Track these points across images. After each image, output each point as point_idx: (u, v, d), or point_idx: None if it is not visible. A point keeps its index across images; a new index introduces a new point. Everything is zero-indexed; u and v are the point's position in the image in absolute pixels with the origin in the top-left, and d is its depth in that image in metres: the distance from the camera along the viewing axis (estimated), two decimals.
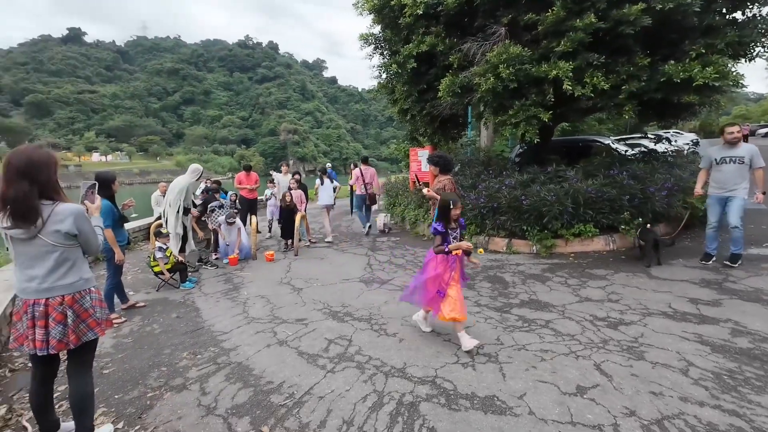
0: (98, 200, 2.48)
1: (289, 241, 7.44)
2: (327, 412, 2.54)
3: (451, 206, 3.18)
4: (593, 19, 5.06)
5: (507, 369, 2.93)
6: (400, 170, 17.43)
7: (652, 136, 9.08)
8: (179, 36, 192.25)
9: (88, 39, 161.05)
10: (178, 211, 5.70)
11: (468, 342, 3.16)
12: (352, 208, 9.59)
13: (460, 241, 3.29)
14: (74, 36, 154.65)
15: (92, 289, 2.23)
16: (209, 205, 6.85)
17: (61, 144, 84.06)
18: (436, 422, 2.38)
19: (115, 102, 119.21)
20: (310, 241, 7.96)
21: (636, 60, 5.32)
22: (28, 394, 2.92)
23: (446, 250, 3.13)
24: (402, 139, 13.17)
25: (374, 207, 8.95)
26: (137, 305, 4.68)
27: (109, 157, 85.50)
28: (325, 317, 4.12)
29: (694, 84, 4.94)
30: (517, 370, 2.91)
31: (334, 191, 8.47)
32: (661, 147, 8.36)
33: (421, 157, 8.94)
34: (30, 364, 3.35)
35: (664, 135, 8.91)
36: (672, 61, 5.21)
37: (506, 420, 2.37)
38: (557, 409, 2.45)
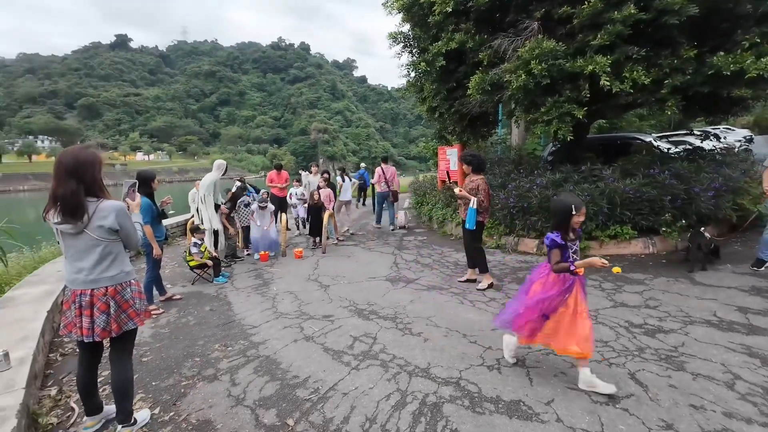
0: (138, 198, 2.63)
1: (317, 239, 7.57)
2: (350, 408, 2.57)
3: (574, 212, 2.53)
4: (633, 11, 4.79)
5: (534, 374, 2.85)
6: (428, 168, 17.32)
7: (699, 133, 8.51)
8: (216, 39, 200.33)
9: (133, 45, 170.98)
10: (215, 207, 6.00)
11: (604, 387, 2.55)
12: (374, 206, 10.10)
13: (575, 254, 2.64)
14: (121, 42, 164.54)
15: (132, 281, 2.37)
16: (238, 201, 7.07)
17: (108, 144, 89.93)
18: (460, 424, 2.35)
19: (158, 104, 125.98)
20: (337, 239, 8.07)
21: (681, 52, 5.00)
22: (75, 378, 3.15)
23: (572, 268, 2.51)
24: (430, 137, 13.06)
25: (397, 204, 9.39)
26: (174, 298, 4.92)
27: (151, 156, 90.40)
28: (351, 315, 4.17)
29: (746, 76, 4.58)
30: (545, 375, 2.83)
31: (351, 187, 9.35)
32: (708, 144, 7.82)
33: (449, 156, 8.83)
34: (77, 351, 3.60)
35: (712, 131, 8.30)
36: (721, 53, 4.86)
37: (532, 426, 2.31)
38: (587, 417, 2.35)
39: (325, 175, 8.44)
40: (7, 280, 5.22)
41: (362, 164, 16.18)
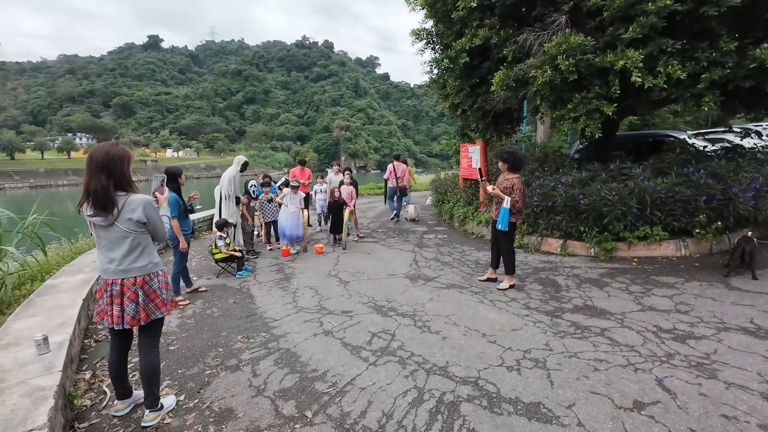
0: (166, 192, 2.73)
1: (337, 236, 7.64)
2: (368, 403, 2.59)
3: None
4: (669, 1, 4.58)
5: (555, 376, 2.79)
6: (450, 166, 17.23)
7: (738, 130, 8.06)
8: (243, 39, 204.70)
9: (164, 45, 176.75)
10: (237, 202, 6.19)
11: None
12: (386, 199, 10.60)
13: None
14: (153, 43, 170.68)
15: (160, 272, 2.47)
16: (249, 188, 7.18)
17: (141, 141, 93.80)
18: (477, 424, 2.33)
19: (187, 102, 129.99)
20: (357, 235, 8.11)
21: (720, 44, 4.73)
22: (108, 363, 3.31)
23: None
24: (453, 134, 12.92)
25: (406, 198, 9.96)
26: (200, 290, 5.08)
27: (180, 153, 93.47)
28: (370, 311, 4.19)
29: None
30: (566, 378, 2.76)
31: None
32: (748, 142, 7.40)
33: (471, 154, 8.72)
34: (110, 336, 3.78)
35: (754, 128, 7.85)
36: (765, 44, 4.57)
37: (552, 429, 2.26)
38: (610, 423, 2.29)
39: (348, 173, 8.49)
40: (47, 269, 5.54)
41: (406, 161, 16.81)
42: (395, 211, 9.80)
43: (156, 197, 2.63)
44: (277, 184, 8.10)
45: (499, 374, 2.86)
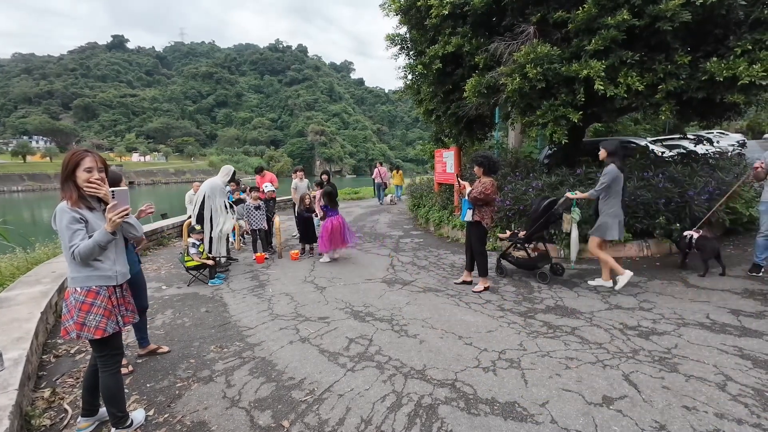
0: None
1: (307, 246, 7.30)
2: (346, 410, 2.57)
3: None
4: (626, 16, 4.85)
5: (529, 375, 2.86)
6: (426, 171, 17.67)
7: (693, 137, 8.61)
8: (214, 41, 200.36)
9: (130, 45, 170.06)
10: (227, 211, 6.00)
11: None
12: (377, 193, 16.19)
13: None
14: (118, 43, 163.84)
15: (78, 289, 2.21)
16: (246, 205, 7.00)
17: (104, 145, 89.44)
18: (455, 426, 2.36)
19: (154, 105, 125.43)
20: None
21: (675, 57, 5.06)
22: (70, 379, 3.13)
23: None
24: (428, 140, 13.17)
25: (386, 190, 15.84)
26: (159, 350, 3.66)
27: (148, 158, 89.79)
28: (347, 316, 4.17)
29: (739, 83, 4.64)
30: (540, 377, 2.84)
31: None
32: (701, 148, 7.90)
33: (446, 159, 8.87)
34: (71, 352, 3.59)
35: (706, 136, 8.40)
36: (715, 58, 4.92)
37: (527, 427, 2.32)
38: (581, 419, 2.37)
39: (325, 177, 8.35)
40: None
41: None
42: (380, 199, 15.57)
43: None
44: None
45: (476, 375, 2.91)
